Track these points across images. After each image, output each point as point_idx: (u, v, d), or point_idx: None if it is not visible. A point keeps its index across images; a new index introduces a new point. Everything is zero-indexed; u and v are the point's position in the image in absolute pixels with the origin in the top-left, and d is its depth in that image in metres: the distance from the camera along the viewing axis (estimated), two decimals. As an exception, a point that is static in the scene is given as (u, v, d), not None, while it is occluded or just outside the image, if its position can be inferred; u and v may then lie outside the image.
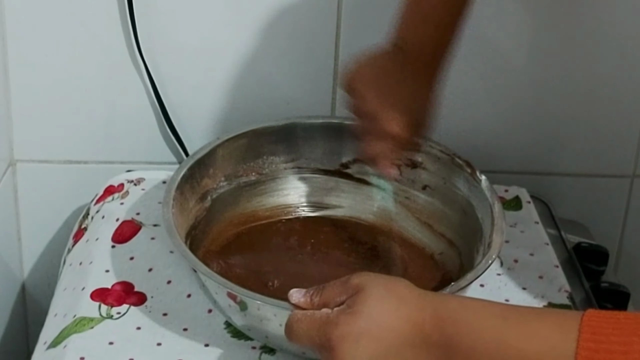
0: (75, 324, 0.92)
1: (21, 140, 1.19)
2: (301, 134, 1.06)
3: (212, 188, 1.02)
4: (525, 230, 1.09)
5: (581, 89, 1.21)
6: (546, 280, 1.01)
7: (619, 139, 1.24)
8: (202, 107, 1.19)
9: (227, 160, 1.03)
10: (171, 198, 0.94)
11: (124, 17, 1.13)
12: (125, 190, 1.11)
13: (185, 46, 1.16)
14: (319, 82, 1.19)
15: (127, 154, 1.21)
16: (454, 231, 1.01)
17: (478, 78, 1.19)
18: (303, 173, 1.08)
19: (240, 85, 1.18)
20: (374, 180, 1.05)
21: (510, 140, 1.23)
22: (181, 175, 0.97)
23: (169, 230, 0.90)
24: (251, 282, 0.96)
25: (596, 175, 1.26)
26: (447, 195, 1.01)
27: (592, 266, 1.07)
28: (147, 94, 1.18)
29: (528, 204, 1.15)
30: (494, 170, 1.22)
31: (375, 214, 1.07)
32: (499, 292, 0.99)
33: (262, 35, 1.16)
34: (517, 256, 1.04)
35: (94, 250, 1.02)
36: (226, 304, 0.86)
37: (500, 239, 0.91)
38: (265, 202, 1.07)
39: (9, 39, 1.14)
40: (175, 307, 0.94)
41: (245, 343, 0.90)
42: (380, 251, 1.03)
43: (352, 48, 1.16)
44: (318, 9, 1.15)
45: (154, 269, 0.99)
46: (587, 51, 1.19)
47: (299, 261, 1.01)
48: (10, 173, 1.19)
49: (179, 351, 0.89)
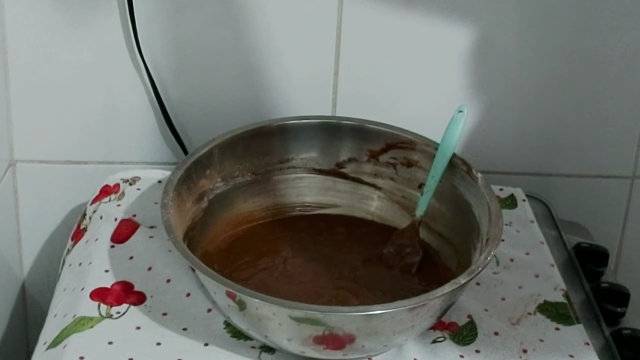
0: (75, 323, 0.92)
1: (21, 140, 1.19)
2: (297, 134, 1.06)
3: (208, 189, 1.02)
4: (521, 229, 1.10)
5: (581, 89, 1.21)
6: (542, 278, 1.01)
7: (619, 139, 1.24)
8: (202, 107, 1.19)
9: (224, 161, 1.03)
10: (169, 200, 0.94)
11: (124, 17, 1.13)
12: (121, 191, 1.11)
13: (185, 46, 1.16)
14: (319, 82, 1.19)
15: (127, 154, 1.21)
16: (450, 229, 1.01)
17: (478, 79, 1.19)
18: (299, 173, 1.08)
19: (240, 85, 1.18)
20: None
21: (510, 141, 1.23)
22: (178, 176, 0.97)
23: (168, 232, 0.90)
24: (250, 281, 0.96)
25: (596, 176, 1.26)
26: (443, 193, 1.01)
27: (592, 266, 1.07)
28: (147, 94, 1.18)
29: (523, 202, 1.15)
30: (494, 171, 1.22)
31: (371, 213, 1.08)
32: (495, 291, 0.99)
33: (262, 35, 1.16)
34: (512, 255, 1.04)
35: (93, 251, 1.02)
36: (225, 304, 0.86)
37: (498, 237, 0.91)
38: (262, 203, 1.07)
39: (9, 39, 1.14)
40: (175, 306, 0.94)
41: (244, 342, 0.90)
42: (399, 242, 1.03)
43: (352, 48, 1.17)
44: (318, 9, 1.15)
45: (153, 268, 0.99)
46: (587, 51, 1.19)
47: (297, 261, 1.01)
48: (10, 173, 1.19)
49: (179, 351, 0.89)
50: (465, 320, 0.95)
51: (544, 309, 0.97)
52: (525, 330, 0.94)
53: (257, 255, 1.01)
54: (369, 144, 1.07)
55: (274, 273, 0.98)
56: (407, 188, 1.06)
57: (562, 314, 0.97)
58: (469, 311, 0.96)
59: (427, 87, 1.19)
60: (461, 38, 1.17)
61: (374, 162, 1.07)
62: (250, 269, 0.99)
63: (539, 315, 0.96)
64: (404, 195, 1.06)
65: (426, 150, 1.04)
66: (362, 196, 1.08)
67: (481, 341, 0.92)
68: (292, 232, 1.05)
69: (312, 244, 1.03)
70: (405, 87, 1.19)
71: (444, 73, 1.19)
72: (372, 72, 1.18)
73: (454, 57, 1.18)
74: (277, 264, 1.00)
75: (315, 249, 1.02)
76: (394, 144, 1.06)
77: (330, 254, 1.02)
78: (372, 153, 1.07)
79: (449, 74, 1.19)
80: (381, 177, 1.07)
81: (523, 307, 0.97)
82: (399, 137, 1.05)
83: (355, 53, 1.17)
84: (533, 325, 0.95)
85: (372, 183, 1.08)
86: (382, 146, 1.06)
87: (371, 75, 1.18)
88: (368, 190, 1.08)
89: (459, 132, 1.00)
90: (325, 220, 1.07)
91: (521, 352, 0.91)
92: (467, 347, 0.92)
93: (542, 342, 0.93)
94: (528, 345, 0.92)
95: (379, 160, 1.07)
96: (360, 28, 1.16)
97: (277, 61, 1.17)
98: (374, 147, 1.07)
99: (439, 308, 0.87)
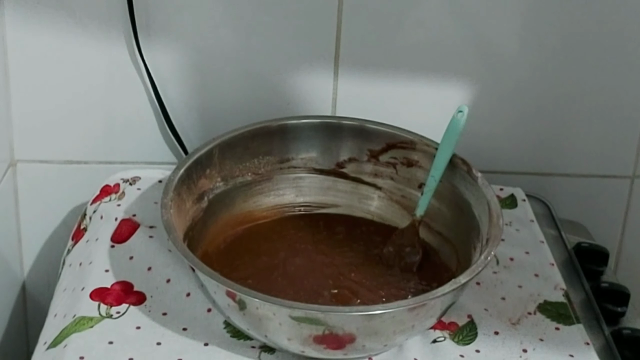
0: (75, 323, 0.92)
1: (21, 140, 1.19)
2: (297, 134, 1.07)
3: (208, 189, 1.02)
4: (521, 228, 1.10)
5: (581, 89, 1.21)
6: (542, 278, 1.01)
7: (619, 139, 1.24)
8: (202, 107, 1.19)
9: (224, 161, 1.03)
10: (169, 200, 0.94)
11: (124, 17, 1.13)
12: (121, 191, 1.11)
13: (185, 46, 1.16)
14: (319, 82, 1.19)
15: (127, 154, 1.21)
16: (450, 229, 1.01)
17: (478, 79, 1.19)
18: (299, 173, 1.08)
19: (241, 85, 1.18)
20: None
21: (510, 141, 1.23)
22: (178, 176, 0.97)
23: (168, 232, 0.90)
24: (249, 281, 0.96)
25: (596, 175, 1.26)
26: (443, 193, 1.01)
27: (592, 266, 1.07)
28: (147, 94, 1.18)
29: (523, 202, 1.15)
30: (494, 171, 1.22)
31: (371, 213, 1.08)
32: (495, 291, 0.99)
33: (262, 35, 1.16)
34: (512, 254, 1.04)
35: (93, 251, 1.02)
36: (225, 304, 0.86)
37: (498, 236, 0.91)
38: (262, 202, 1.07)
39: (9, 39, 1.14)
40: (175, 306, 0.94)
41: (244, 342, 0.90)
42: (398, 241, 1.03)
43: (352, 48, 1.17)
44: (318, 9, 1.15)
45: (153, 268, 0.99)
46: (587, 51, 1.19)
47: (296, 261, 1.01)
48: (10, 173, 1.19)
49: (179, 350, 0.89)
50: (465, 320, 0.95)
51: (544, 308, 0.97)
52: (525, 330, 0.94)
53: (257, 255, 1.01)
54: (369, 144, 1.07)
55: (274, 273, 0.98)
56: (407, 188, 1.06)
57: (562, 314, 0.97)
58: (469, 311, 0.96)
59: (427, 87, 1.19)
60: (461, 38, 1.17)
61: (374, 162, 1.07)
62: (250, 269, 0.99)
63: (539, 315, 0.96)
64: (404, 195, 1.06)
65: (426, 150, 1.04)
66: (362, 196, 1.08)
67: (481, 341, 0.93)
68: (292, 231, 1.05)
69: (312, 243, 1.03)
70: (405, 87, 1.19)
71: (444, 73, 1.19)
72: (372, 72, 1.18)
73: (454, 57, 1.18)
74: (277, 264, 0.99)
75: (315, 248, 1.02)
76: (394, 144, 1.06)
77: (330, 254, 1.02)
78: (372, 153, 1.07)
79: (449, 74, 1.19)
80: (381, 177, 1.07)
81: (523, 307, 0.97)
82: (399, 137, 1.05)
83: (355, 53, 1.17)
84: (533, 325, 0.95)
85: (372, 183, 1.08)
86: (382, 146, 1.06)
87: (371, 75, 1.18)
88: (368, 190, 1.08)
89: (459, 132, 1.00)
90: (325, 219, 1.07)
91: (521, 352, 0.91)
92: (467, 347, 0.92)
93: (542, 341, 0.93)
94: (528, 345, 0.92)
95: (379, 160, 1.07)
96: (360, 28, 1.16)
97: (277, 61, 1.17)
98: (374, 147, 1.07)
99: (439, 308, 0.88)
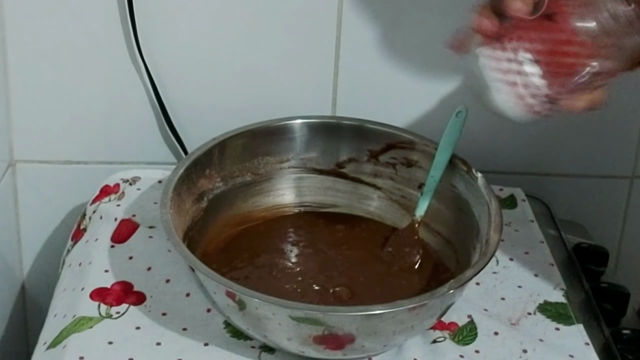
0: (75, 323, 0.92)
1: (21, 141, 1.19)
2: (296, 134, 1.07)
3: (208, 189, 1.02)
4: (520, 228, 1.10)
5: (581, 89, 1.21)
6: (542, 278, 1.01)
7: (618, 139, 1.24)
8: (202, 107, 1.19)
9: (223, 161, 1.03)
10: (168, 199, 0.94)
11: (124, 17, 1.13)
12: (121, 191, 1.11)
13: (185, 46, 1.16)
14: (319, 82, 1.19)
15: (127, 154, 1.21)
16: (450, 229, 1.01)
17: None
18: (299, 173, 1.08)
19: (240, 85, 1.18)
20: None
21: (510, 141, 1.23)
22: (178, 176, 0.97)
23: (167, 232, 0.90)
24: (249, 281, 0.96)
25: (596, 175, 1.26)
26: (443, 193, 1.01)
27: (592, 266, 1.07)
28: (147, 94, 1.18)
29: (523, 202, 1.15)
30: (493, 171, 1.22)
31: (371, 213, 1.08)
32: (494, 291, 0.99)
33: (262, 35, 1.16)
34: (512, 254, 1.05)
35: (93, 251, 1.02)
36: (225, 303, 0.86)
37: (498, 236, 0.91)
38: (262, 203, 1.07)
39: (8, 39, 1.14)
40: (175, 306, 0.94)
41: (244, 342, 0.90)
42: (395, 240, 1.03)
43: (352, 48, 1.17)
44: (318, 9, 1.15)
45: (152, 268, 0.99)
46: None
47: (296, 260, 1.01)
48: (10, 173, 1.19)
49: (179, 351, 0.89)
50: (465, 320, 0.95)
51: (544, 308, 0.97)
52: (525, 330, 0.94)
53: (257, 255, 1.01)
54: (369, 144, 1.07)
55: (274, 273, 0.98)
56: (406, 188, 1.06)
57: (562, 314, 0.97)
58: (469, 311, 0.96)
59: (427, 87, 1.19)
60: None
61: (374, 162, 1.07)
62: (250, 269, 0.99)
63: (539, 315, 0.96)
64: (404, 195, 1.06)
65: (426, 150, 1.04)
66: (362, 196, 1.08)
67: (481, 341, 0.92)
68: (291, 231, 1.05)
69: (311, 243, 1.03)
70: (405, 87, 1.19)
71: (444, 73, 1.18)
72: (372, 72, 1.18)
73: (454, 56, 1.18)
74: (276, 264, 1.00)
75: (314, 248, 1.03)
76: (394, 144, 1.06)
77: (329, 254, 1.02)
78: (372, 153, 1.07)
79: (449, 74, 1.19)
80: (381, 177, 1.07)
81: (523, 307, 0.97)
82: (399, 137, 1.06)
83: (355, 53, 1.17)
84: (533, 325, 0.95)
85: (372, 183, 1.08)
86: (382, 146, 1.06)
87: (371, 75, 1.18)
88: (368, 190, 1.08)
89: (458, 132, 1.00)
90: (325, 219, 1.07)
91: (521, 352, 0.91)
92: (467, 347, 0.92)
93: (542, 342, 0.93)
94: (528, 345, 0.92)
95: (378, 160, 1.07)
96: (360, 28, 1.16)
97: (277, 61, 1.17)
98: (374, 147, 1.07)
99: (439, 308, 0.88)
